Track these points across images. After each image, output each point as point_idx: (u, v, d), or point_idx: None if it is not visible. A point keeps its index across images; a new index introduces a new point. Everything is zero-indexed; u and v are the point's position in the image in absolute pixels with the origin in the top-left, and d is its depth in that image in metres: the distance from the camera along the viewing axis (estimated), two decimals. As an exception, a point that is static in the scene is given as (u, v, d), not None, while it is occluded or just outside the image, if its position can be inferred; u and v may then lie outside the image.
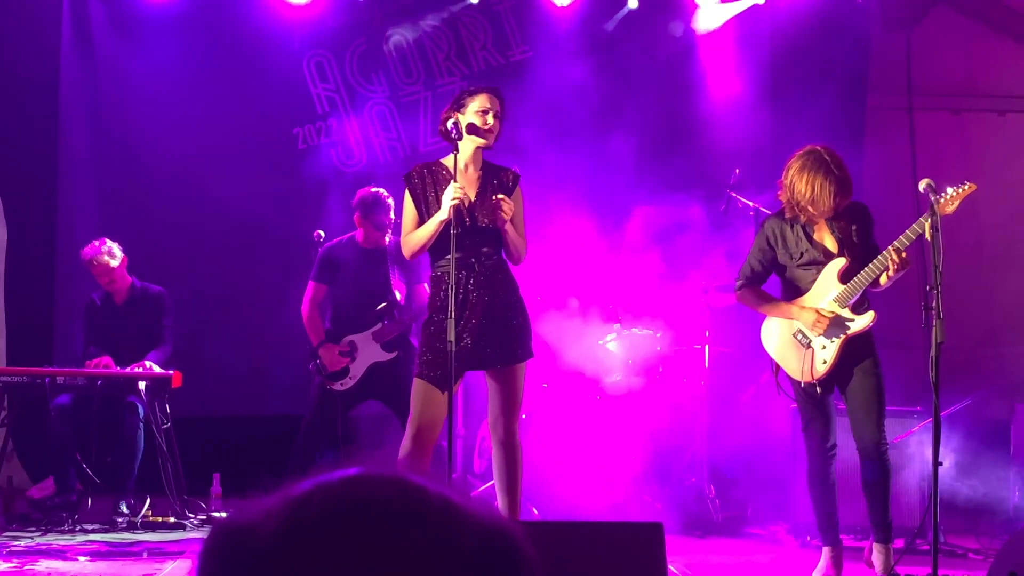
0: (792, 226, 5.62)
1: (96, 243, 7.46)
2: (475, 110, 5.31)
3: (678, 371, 7.70)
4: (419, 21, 8.75)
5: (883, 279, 5.43)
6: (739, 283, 5.80)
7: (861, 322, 5.55)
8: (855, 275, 5.50)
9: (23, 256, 8.53)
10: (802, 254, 5.62)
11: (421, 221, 5.35)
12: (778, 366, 5.79)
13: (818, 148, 5.50)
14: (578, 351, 7.57)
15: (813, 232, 5.60)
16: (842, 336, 5.57)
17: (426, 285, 6.07)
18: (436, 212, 5.28)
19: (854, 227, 5.58)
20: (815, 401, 5.66)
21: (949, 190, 5.37)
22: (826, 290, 5.58)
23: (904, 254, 5.33)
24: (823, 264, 5.60)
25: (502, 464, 5.34)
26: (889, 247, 5.35)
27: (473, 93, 5.38)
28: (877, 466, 5.56)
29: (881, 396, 5.59)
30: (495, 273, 5.32)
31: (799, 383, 5.68)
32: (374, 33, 8.74)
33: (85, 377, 7.08)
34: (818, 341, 5.60)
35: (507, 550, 1.02)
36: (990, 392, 7.33)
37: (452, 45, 8.79)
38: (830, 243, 5.60)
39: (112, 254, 7.44)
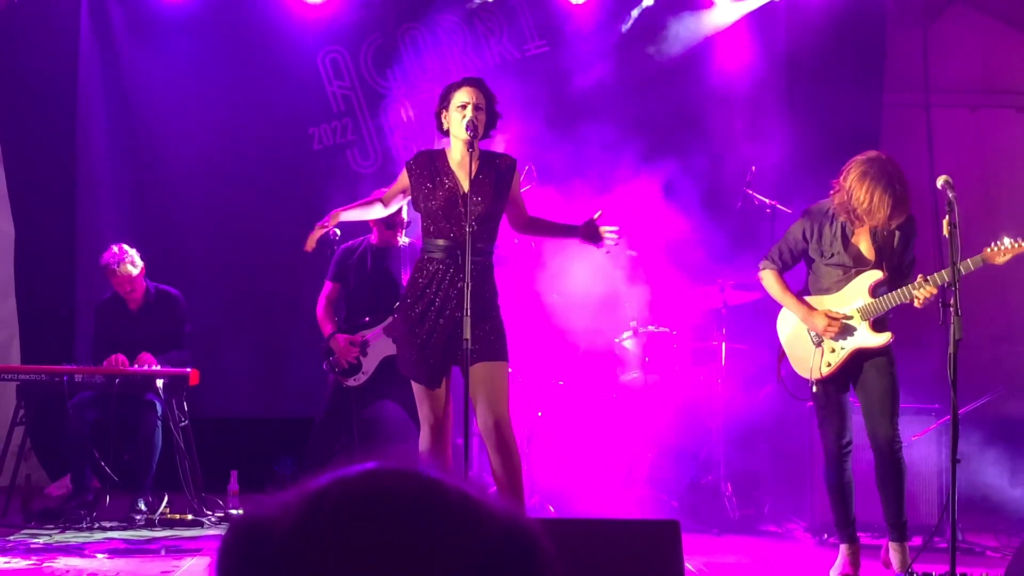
0: (831, 223, 5.58)
1: (116, 250, 7.37)
2: (456, 105, 5.33)
3: (694, 368, 7.69)
4: (435, 15, 8.75)
5: (916, 302, 5.40)
6: (764, 264, 5.79)
7: (875, 340, 5.55)
8: (886, 290, 5.49)
9: (43, 256, 8.57)
10: (833, 255, 5.60)
11: (405, 196, 5.54)
12: (783, 355, 5.83)
13: (883, 157, 5.41)
14: (594, 348, 7.58)
15: (851, 235, 5.56)
16: (854, 347, 5.57)
17: None
18: (429, 198, 5.34)
19: (897, 235, 5.53)
20: (830, 398, 5.66)
21: (1006, 241, 5.34)
22: (853, 298, 5.57)
23: (936, 291, 5.29)
24: (850, 269, 5.57)
25: (501, 465, 5.24)
26: (928, 280, 5.30)
27: (455, 88, 5.40)
28: (891, 464, 5.55)
29: (895, 394, 5.58)
30: (482, 272, 5.30)
31: (806, 379, 5.71)
32: (389, 28, 8.74)
33: (103, 375, 7.08)
34: (829, 343, 5.61)
35: (525, 545, 1.02)
36: (1008, 389, 7.30)
37: (468, 40, 8.79)
38: (866, 249, 5.55)
39: (134, 263, 7.37)
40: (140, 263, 7.43)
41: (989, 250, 5.34)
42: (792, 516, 7.37)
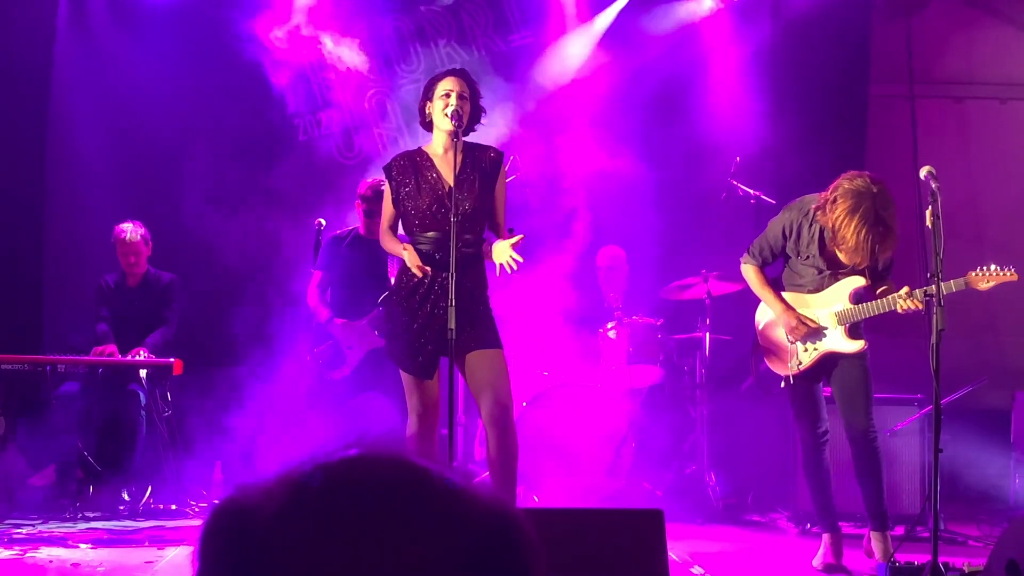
0: (811, 225, 5.57)
1: (133, 223, 7.66)
2: (439, 95, 5.26)
3: (678, 359, 7.70)
4: (420, 6, 8.72)
5: (899, 310, 5.39)
6: (745, 258, 5.82)
7: (849, 347, 5.58)
8: (866, 297, 5.51)
9: (10, 245, 8.49)
10: (808, 256, 5.61)
11: (397, 213, 5.35)
12: (758, 349, 5.89)
13: (873, 191, 5.24)
14: (579, 339, 7.58)
15: (829, 240, 5.52)
16: (826, 349, 5.60)
17: None
18: (415, 198, 5.26)
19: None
20: (803, 390, 5.70)
21: (992, 267, 5.32)
22: (833, 301, 5.59)
23: (921, 306, 5.29)
24: (824, 271, 5.59)
25: (500, 452, 5.21)
26: (913, 295, 5.28)
27: (438, 78, 5.35)
28: (867, 454, 5.58)
29: (868, 385, 5.61)
30: (471, 262, 5.26)
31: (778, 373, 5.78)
32: (374, 20, 8.71)
33: (86, 365, 7.08)
34: (801, 343, 5.65)
35: (510, 533, 1.02)
36: (991, 380, 7.33)
37: (453, 30, 8.76)
38: (843, 255, 5.55)
39: (146, 238, 7.71)
40: (149, 242, 7.75)
41: (973, 274, 5.32)
42: (776, 506, 7.40)
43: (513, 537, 1.02)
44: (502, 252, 5.13)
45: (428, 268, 5.17)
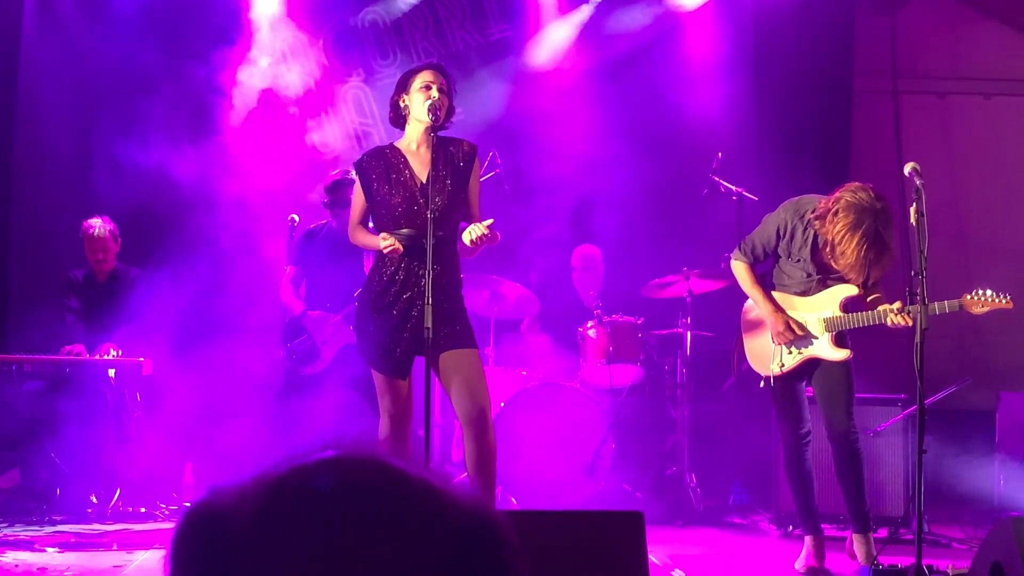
0: (805, 229, 5.52)
1: (102, 219, 7.58)
2: (418, 87, 5.14)
3: (659, 358, 7.65)
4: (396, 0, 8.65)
5: (888, 323, 5.33)
6: (736, 255, 5.77)
7: (834, 355, 5.56)
8: (856, 307, 5.47)
9: None
10: (799, 260, 5.56)
11: (369, 209, 5.22)
12: (741, 347, 5.83)
13: (876, 207, 5.17)
14: (558, 338, 7.53)
15: (822, 246, 5.46)
16: (811, 355, 5.56)
17: None
18: (387, 196, 5.14)
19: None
20: (785, 390, 5.66)
21: (988, 293, 5.24)
22: (823, 307, 5.55)
23: (910, 321, 5.21)
24: (813, 275, 5.55)
25: (479, 453, 5.09)
26: (904, 310, 5.20)
27: (416, 71, 5.24)
28: (848, 454, 5.56)
29: (850, 384, 5.58)
30: (445, 260, 5.14)
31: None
32: (348, 13, 8.63)
33: (53, 364, 6.99)
34: (786, 346, 5.60)
35: (489, 535, 1.01)
36: (975, 380, 7.30)
37: (429, 24, 8.70)
38: (839, 268, 5.48)
39: (115, 235, 7.64)
40: (118, 238, 7.67)
41: (968, 297, 5.24)
42: (757, 508, 7.36)
43: (492, 539, 1.01)
44: (475, 228, 4.99)
45: (400, 248, 5.00)
